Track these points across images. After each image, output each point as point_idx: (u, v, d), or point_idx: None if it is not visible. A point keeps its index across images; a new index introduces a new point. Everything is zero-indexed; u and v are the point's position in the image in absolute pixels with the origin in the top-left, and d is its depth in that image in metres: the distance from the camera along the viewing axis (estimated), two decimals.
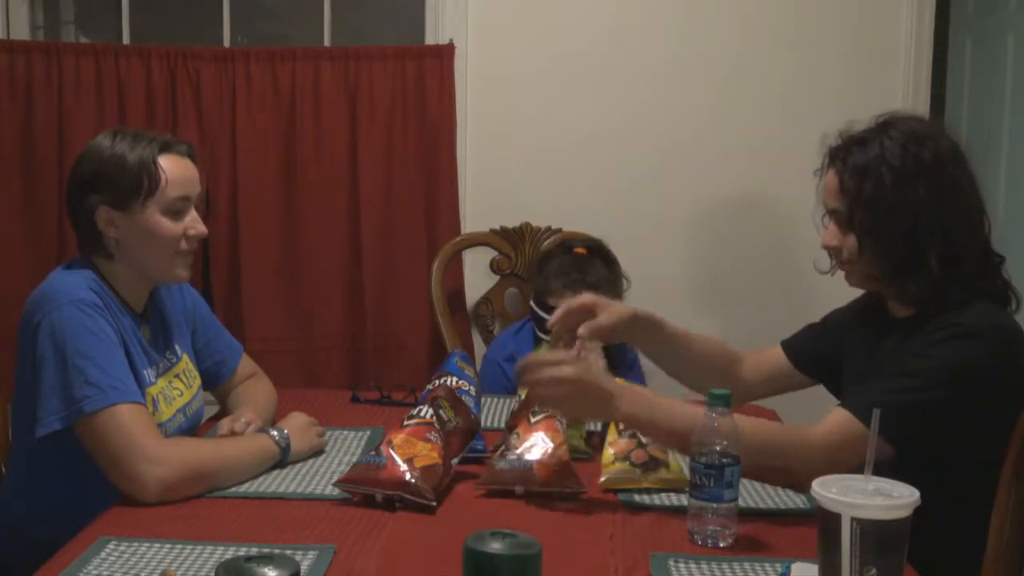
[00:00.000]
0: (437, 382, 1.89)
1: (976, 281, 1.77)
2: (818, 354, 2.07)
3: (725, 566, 1.44)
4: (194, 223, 1.90)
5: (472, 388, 1.94)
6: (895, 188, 1.73)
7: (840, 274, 1.89)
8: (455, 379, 1.92)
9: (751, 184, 3.27)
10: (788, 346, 2.14)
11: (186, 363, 2.02)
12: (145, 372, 1.85)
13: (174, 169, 1.85)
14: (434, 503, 1.64)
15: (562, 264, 2.74)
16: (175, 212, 1.86)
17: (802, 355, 2.11)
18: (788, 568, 1.38)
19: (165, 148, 1.86)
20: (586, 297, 2.02)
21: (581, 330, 1.94)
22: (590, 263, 2.76)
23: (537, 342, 2.68)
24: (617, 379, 1.76)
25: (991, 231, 1.83)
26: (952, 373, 1.67)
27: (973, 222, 1.78)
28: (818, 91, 3.22)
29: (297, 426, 1.92)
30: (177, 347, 2.00)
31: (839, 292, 1.99)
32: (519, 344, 2.78)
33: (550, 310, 2.69)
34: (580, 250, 2.79)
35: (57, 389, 1.71)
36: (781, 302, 3.29)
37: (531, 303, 2.82)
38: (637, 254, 3.23)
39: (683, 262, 3.33)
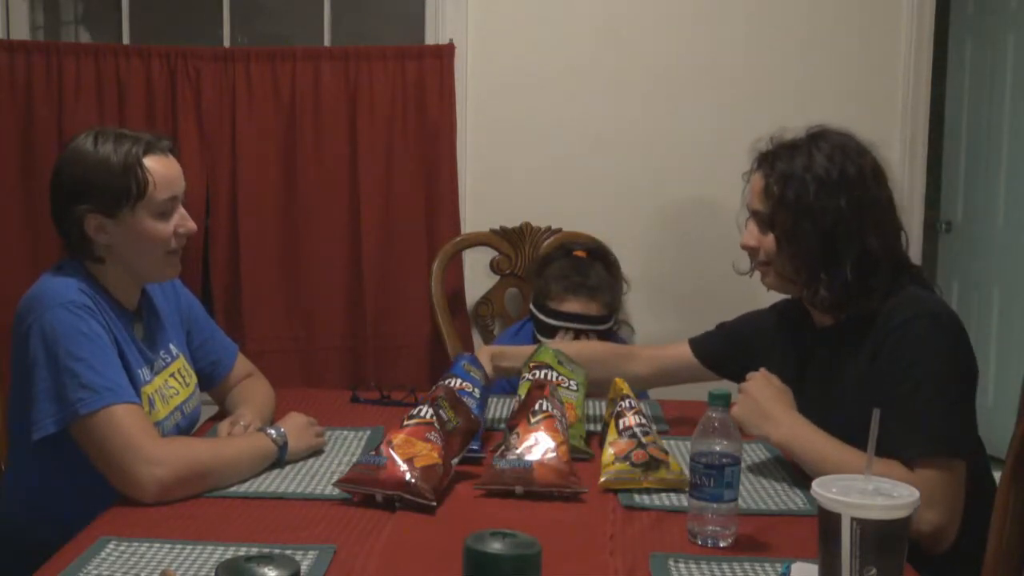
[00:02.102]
0: (441, 383, 1.90)
1: (890, 287, 1.81)
2: (729, 355, 2.15)
3: (725, 566, 1.44)
4: (183, 220, 1.88)
5: (476, 390, 1.94)
6: (818, 196, 1.80)
7: None
8: (459, 381, 1.93)
9: None
10: (698, 345, 2.22)
11: (182, 362, 2.01)
12: (140, 371, 1.85)
13: (160, 170, 1.83)
14: (434, 503, 1.64)
15: (562, 267, 2.74)
16: (164, 213, 1.84)
17: (712, 355, 2.19)
18: (788, 568, 1.38)
19: (149, 149, 1.83)
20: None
21: None
22: (590, 266, 2.75)
23: (536, 341, 2.68)
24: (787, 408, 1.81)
25: (908, 247, 1.91)
26: (953, 359, 1.72)
27: (889, 237, 1.84)
28: (818, 91, 3.22)
29: (295, 425, 1.92)
30: (172, 346, 2.00)
31: None
32: (519, 344, 2.77)
33: (550, 312, 2.69)
34: (580, 253, 2.79)
35: (51, 392, 1.70)
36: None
37: (531, 305, 2.81)
38: (636, 254, 3.24)
39: (683, 262, 3.33)
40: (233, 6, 3.37)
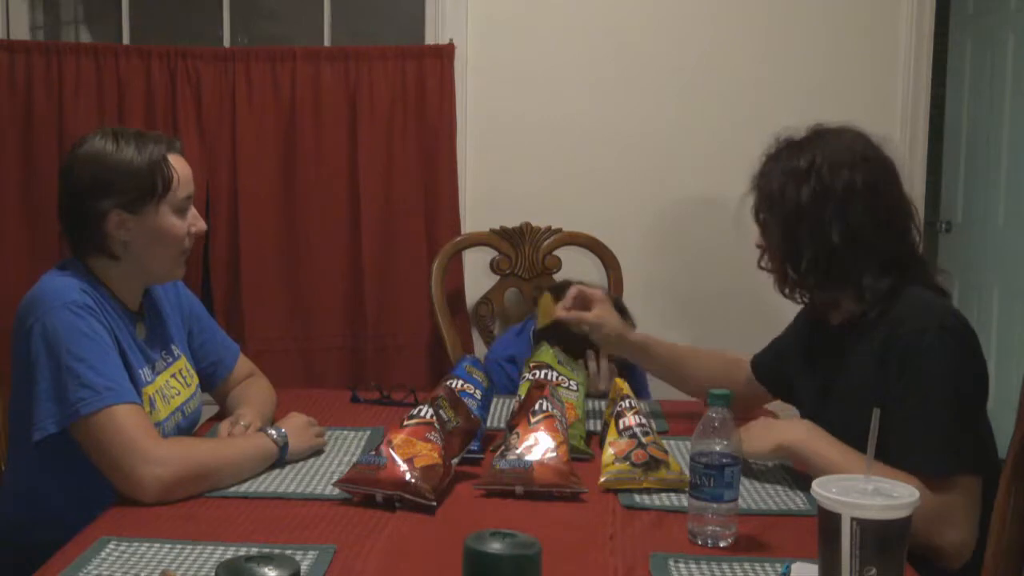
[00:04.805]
0: (443, 384, 1.90)
1: (882, 284, 1.79)
2: (777, 369, 2.12)
3: (725, 566, 1.44)
4: (195, 220, 1.92)
5: (478, 392, 1.95)
6: (783, 186, 1.82)
7: None
8: (460, 382, 1.94)
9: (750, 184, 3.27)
10: (754, 361, 2.20)
11: (183, 362, 2.02)
12: (141, 371, 1.85)
13: (181, 168, 1.87)
14: (434, 503, 1.64)
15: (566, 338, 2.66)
16: (182, 211, 1.88)
17: (762, 369, 2.17)
18: (788, 568, 1.38)
19: (169, 148, 1.87)
20: (587, 291, 2.21)
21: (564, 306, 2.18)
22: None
23: (537, 344, 2.68)
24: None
25: (919, 241, 1.88)
26: (972, 371, 1.71)
27: (862, 228, 1.78)
28: (818, 92, 3.22)
29: (295, 426, 1.93)
30: (173, 346, 2.00)
31: None
32: (520, 346, 2.78)
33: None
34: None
35: (52, 392, 1.70)
36: (782, 305, 3.29)
37: (534, 331, 2.77)
38: (636, 254, 3.24)
39: (683, 263, 3.33)
40: (233, 6, 3.37)
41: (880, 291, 1.78)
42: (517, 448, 1.77)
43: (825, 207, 1.78)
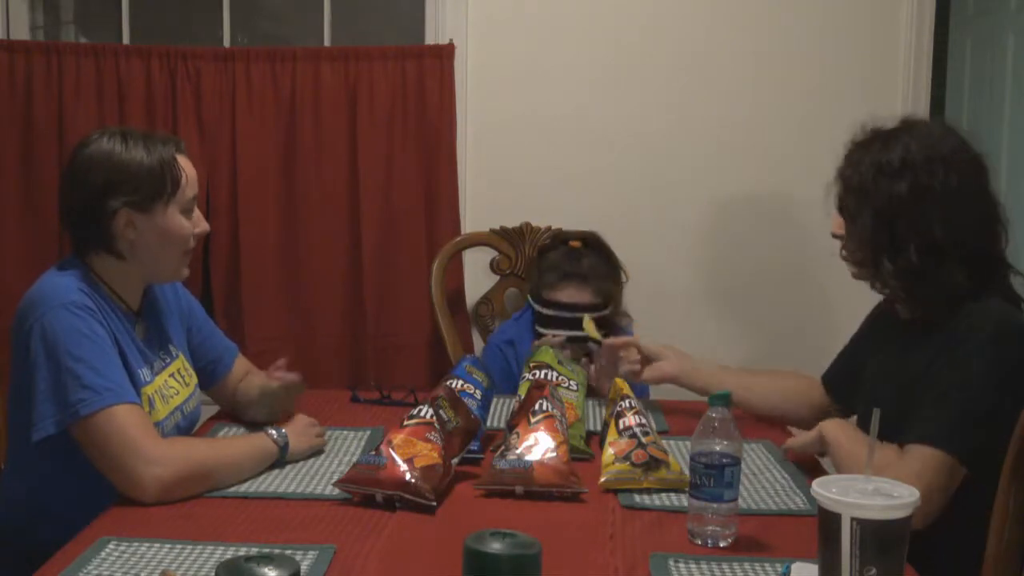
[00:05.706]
0: (443, 384, 1.90)
1: (968, 284, 1.78)
2: (851, 379, 2.08)
3: (725, 566, 1.45)
4: (199, 221, 1.93)
5: (478, 392, 1.95)
6: (876, 180, 1.80)
7: (837, 279, 1.92)
8: (460, 382, 1.94)
9: (750, 184, 3.27)
10: (825, 379, 2.17)
11: (182, 362, 2.02)
12: (140, 371, 1.85)
13: (188, 168, 1.89)
14: (434, 503, 1.64)
15: (556, 257, 2.74)
16: (188, 211, 1.89)
17: (837, 385, 2.13)
18: (788, 568, 1.38)
19: (177, 148, 1.88)
20: (632, 341, 2.29)
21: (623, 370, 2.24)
22: (583, 255, 2.76)
23: (535, 330, 2.69)
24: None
25: (1006, 243, 1.85)
26: (999, 378, 1.70)
27: (963, 231, 1.79)
28: (818, 92, 3.22)
29: (296, 426, 1.93)
30: (172, 346, 2.00)
31: (839, 295, 1.99)
32: (519, 329, 2.80)
33: (544, 302, 2.69)
34: (574, 243, 2.79)
35: (51, 393, 1.70)
36: (781, 304, 3.29)
37: (528, 296, 2.82)
38: (638, 254, 3.23)
39: (684, 263, 3.32)
40: (233, 6, 3.37)
41: (958, 295, 1.77)
42: (517, 448, 1.77)
43: (923, 201, 1.77)
